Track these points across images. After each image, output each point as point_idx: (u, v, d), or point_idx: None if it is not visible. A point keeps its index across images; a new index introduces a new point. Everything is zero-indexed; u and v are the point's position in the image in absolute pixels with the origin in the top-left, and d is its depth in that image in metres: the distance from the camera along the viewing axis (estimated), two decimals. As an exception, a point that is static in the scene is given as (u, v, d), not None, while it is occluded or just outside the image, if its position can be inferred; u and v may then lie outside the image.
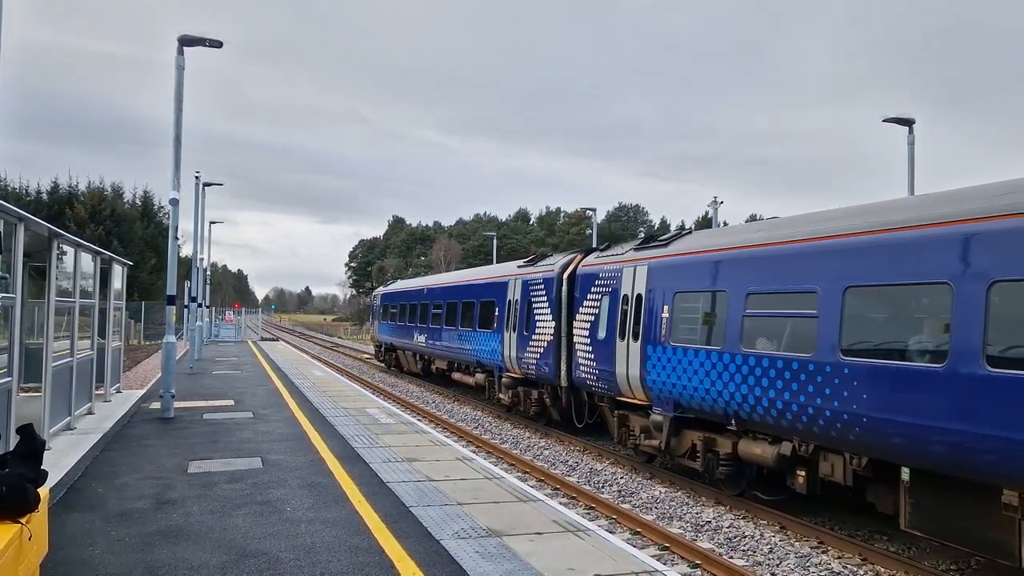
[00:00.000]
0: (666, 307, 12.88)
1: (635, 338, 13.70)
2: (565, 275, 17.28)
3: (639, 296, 13.78)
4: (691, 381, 11.94)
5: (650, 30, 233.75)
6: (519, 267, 20.54)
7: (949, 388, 7.77)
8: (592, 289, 15.74)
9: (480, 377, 22.44)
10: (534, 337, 18.25)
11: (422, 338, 28.57)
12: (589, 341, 15.57)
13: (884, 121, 21.48)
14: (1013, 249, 7.31)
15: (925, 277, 8.31)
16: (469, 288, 24.05)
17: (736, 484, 11.70)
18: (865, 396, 8.75)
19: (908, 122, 21.53)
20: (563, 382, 16.93)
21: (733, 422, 11.19)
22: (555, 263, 18.08)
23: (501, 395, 20.60)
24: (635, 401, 13.91)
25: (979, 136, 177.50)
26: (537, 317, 18.17)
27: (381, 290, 40.44)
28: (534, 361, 18.17)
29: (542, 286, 18.12)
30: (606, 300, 15.04)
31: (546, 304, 17.80)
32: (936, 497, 8.35)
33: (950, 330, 7.80)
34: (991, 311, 7.42)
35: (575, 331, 16.40)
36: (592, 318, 15.52)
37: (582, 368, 15.89)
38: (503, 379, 20.34)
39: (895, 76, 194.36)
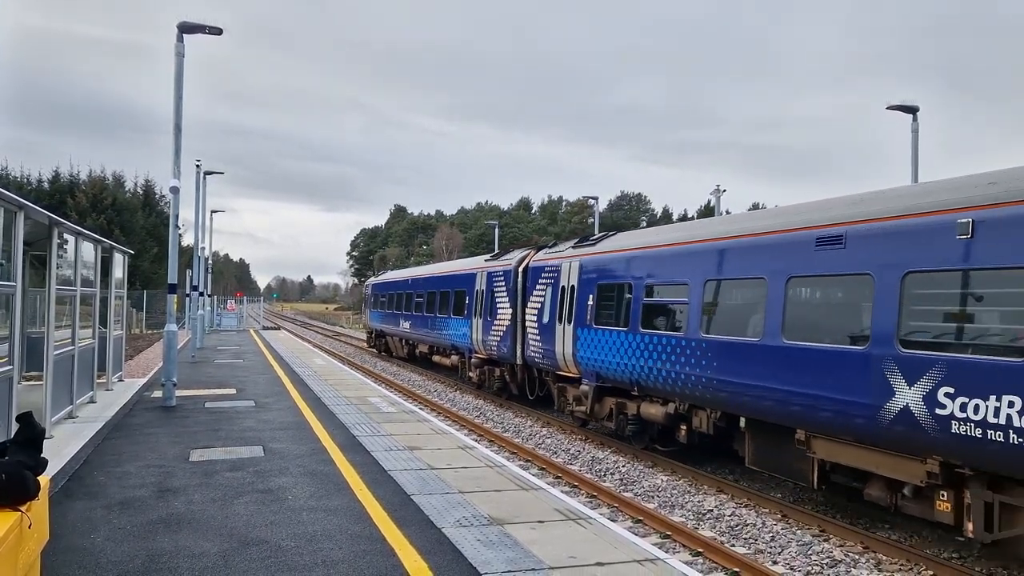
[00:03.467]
0: (591, 296, 15.43)
1: (570, 322, 16.19)
2: (520, 268, 19.57)
3: (573, 287, 16.29)
4: (608, 356, 14.52)
5: (652, 14, 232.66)
6: (485, 261, 22.98)
7: (764, 356, 10.35)
8: (540, 281, 18.11)
9: (455, 358, 25.13)
10: (496, 323, 20.68)
11: (407, 324, 31.21)
12: (537, 325, 17.96)
13: (888, 109, 21.37)
14: (792, 254, 10.13)
15: (752, 273, 10.91)
16: (445, 279, 26.70)
17: (641, 439, 14.29)
18: (716, 364, 11.39)
19: (912, 109, 21.42)
20: (518, 360, 19.39)
21: (636, 389, 13.75)
22: (513, 258, 20.46)
23: (471, 373, 23.21)
24: (570, 375, 16.46)
25: (990, 121, 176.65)
26: (498, 305, 20.60)
27: (372, 280, 43.76)
28: (496, 343, 20.68)
29: (502, 278, 20.51)
30: (550, 290, 17.43)
31: (505, 294, 20.17)
32: (764, 440, 10.96)
33: (764, 313, 10.38)
34: (788, 300, 10.06)
35: (527, 317, 18.72)
36: (540, 306, 17.89)
37: (532, 348, 18.29)
38: (472, 359, 22.94)
39: (903, 61, 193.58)
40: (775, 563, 8.74)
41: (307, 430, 12.74)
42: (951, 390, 7.78)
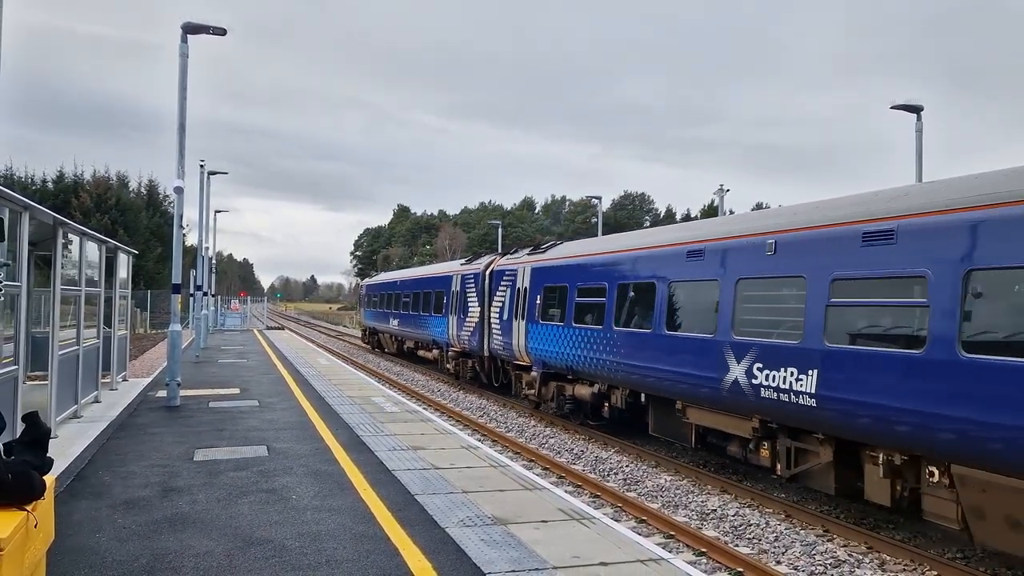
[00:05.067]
0: (539, 296, 18.06)
1: (523, 319, 18.81)
2: (487, 272, 22.09)
3: (526, 288, 18.92)
4: (551, 347, 17.20)
5: (653, 11, 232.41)
6: (460, 265, 25.80)
7: (654, 344, 12.94)
8: (501, 283, 20.74)
9: (435, 352, 28.11)
10: (467, 320, 23.35)
11: (396, 322, 34.09)
12: (499, 322, 20.53)
13: (892, 108, 21.33)
14: (672, 264, 12.88)
15: (647, 278, 13.57)
16: (427, 281, 29.59)
17: (576, 416, 16.96)
18: (624, 351, 13.93)
19: (916, 109, 21.38)
20: (485, 352, 21.88)
21: (571, 374, 16.47)
22: (482, 262, 23.10)
23: (448, 365, 26.00)
24: (523, 363, 19.14)
25: (993, 119, 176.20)
26: (469, 304, 23.25)
27: (366, 281, 48.65)
28: (467, 337, 23.35)
29: (473, 280, 23.12)
30: (509, 291, 20.03)
31: (475, 294, 22.79)
32: (660, 412, 13.43)
33: (654, 310, 13.01)
34: (669, 299, 12.81)
35: (491, 314, 21.27)
36: (501, 304, 20.47)
37: (495, 341, 20.94)
38: (449, 352, 25.74)
39: (906, 58, 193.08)
40: (779, 563, 8.73)
41: (311, 430, 12.76)
42: (761, 365, 10.30)
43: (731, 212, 42.97)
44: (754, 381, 10.35)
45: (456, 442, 12.03)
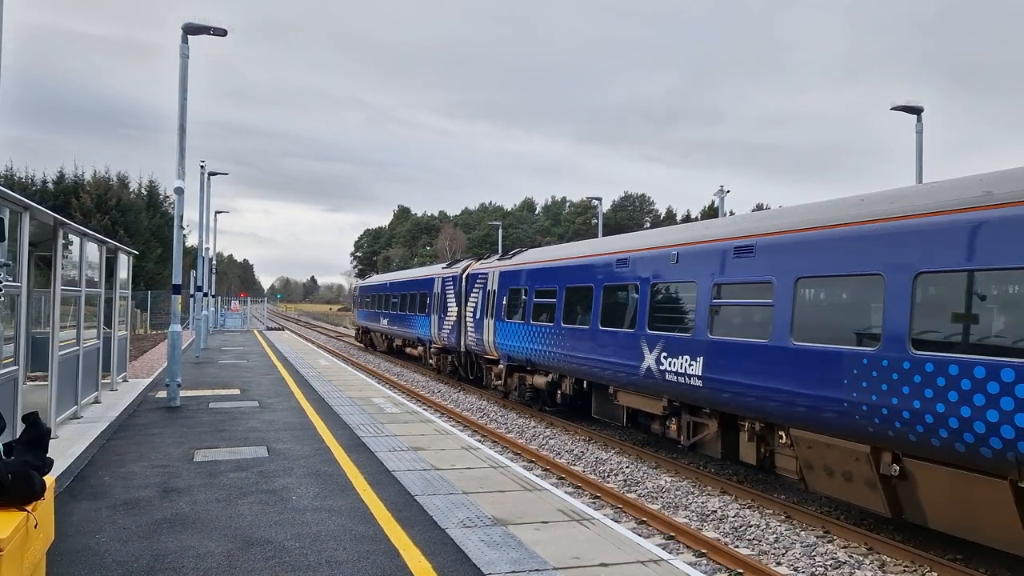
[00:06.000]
0: (505, 297, 20.32)
1: (492, 317, 21.00)
2: (463, 275, 24.25)
3: (494, 290, 21.10)
4: (514, 342, 19.40)
5: (655, 11, 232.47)
6: (442, 268, 28.14)
7: (592, 338, 15.17)
8: (475, 285, 22.97)
9: (420, 349, 30.51)
10: (446, 319, 25.72)
11: (385, 321, 36.58)
12: (473, 320, 22.76)
13: (892, 109, 21.33)
14: (605, 271, 15.09)
15: (586, 282, 15.80)
16: (413, 283, 32.00)
17: (535, 403, 19.25)
18: (570, 344, 16.15)
19: (916, 110, 21.37)
20: (462, 348, 24.14)
21: (530, 365, 18.68)
22: (460, 267, 25.33)
23: (431, 360, 28.55)
24: (492, 357, 21.34)
25: (995, 117, 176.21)
26: (449, 304, 25.53)
27: (359, 283, 51.60)
28: (447, 335, 25.68)
29: (451, 283, 25.44)
30: (481, 293, 22.25)
31: (453, 295, 25.01)
32: (600, 397, 15.63)
33: (591, 309, 15.27)
34: (603, 301, 14.97)
35: (467, 314, 23.51)
36: (475, 305, 22.67)
37: (470, 338, 23.18)
38: (431, 349, 28.10)
39: (908, 56, 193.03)
40: (779, 564, 8.73)
41: (311, 431, 12.76)
42: (667, 355, 12.47)
43: (731, 213, 43.34)
44: (662, 367, 12.65)
45: (456, 443, 12.02)
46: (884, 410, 8.39)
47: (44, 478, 4.73)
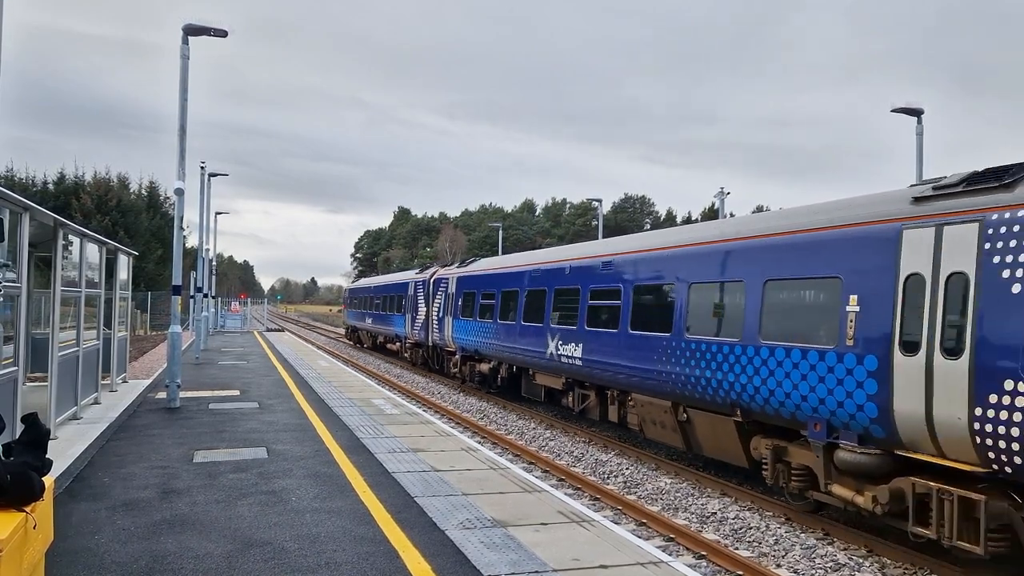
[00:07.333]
0: (460, 299, 24.24)
1: (451, 315, 24.98)
2: (431, 279, 28.08)
3: (453, 293, 25.06)
4: (466, 336, 23.26)
5: (655, 11, 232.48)
6: (415, 273, 32.33)
7: (517, 331, 19.08)
8: (439, 288, 26.87)
9: (398, 345, 34.61)
10: (417, 317, 29.84)
11: (370, 320, 40.97)
12: (437, 318, 26.79)
13: (893, 111, 21.32)
14: (525, 278, 19.25)
15: (512, 288, 19.85)
16: (392, 286, 35.98)
17: (482, 386, 22.97)
18: (503, 336, 20.05)
19: (916, 112, 21.36)
20: (429, 343, 28.18)
21: (477, 355, 22.68)
22: (429, 272, 29.55)
23: (406, 354, 32.73)
24: (451, 350, 25.41)
25: (995, 118, 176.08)
26: (419, 305, 29.58)
27: (348, 285, 61.14)
28: (417, 331, 29.77)
29: (422, 286, 29.41)
30: (443, 295, 26.26)
31: (423, 297, 29.03)
32: (527, 379, 19.25)
33: (517, 308, 19.25)
34: (525, 301, 18.86)
35: (433, 313, 27.41)
36: (440, 305, 26.59)
37: (435, 334, 27.12)
38: (407, 344, 32.17)
39: (909, 57, 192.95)
40: (779, 566, 8.72)
41: (311, 432, 12.75)
42: (562, 342, 16.45)
43: (731, 215, 43.44)
44: (559, 352, 16.63)
45: (456, 444, 12.02)
46: (677, 376, 12.23)
47: (43, 479, 4.73)
